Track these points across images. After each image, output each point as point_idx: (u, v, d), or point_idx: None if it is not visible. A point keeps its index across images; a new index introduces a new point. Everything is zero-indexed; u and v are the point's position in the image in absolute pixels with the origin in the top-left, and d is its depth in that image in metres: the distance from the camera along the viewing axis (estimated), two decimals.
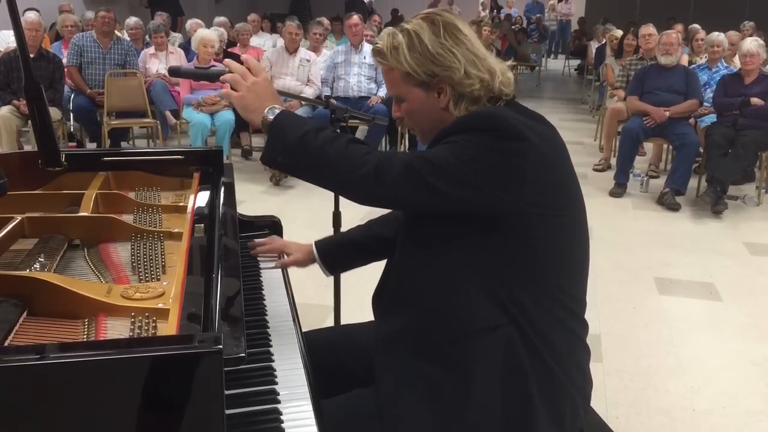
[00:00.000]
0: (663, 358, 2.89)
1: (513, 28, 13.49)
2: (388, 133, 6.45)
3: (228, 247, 1.55)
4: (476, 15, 14.31)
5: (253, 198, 5.06)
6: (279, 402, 1.27)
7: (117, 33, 6.58)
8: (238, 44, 7.55)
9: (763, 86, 5.20)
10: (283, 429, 1.21)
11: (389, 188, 1.23)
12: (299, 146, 1.26)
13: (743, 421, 2.46)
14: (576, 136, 7.50)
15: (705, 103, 5.66)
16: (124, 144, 6.47)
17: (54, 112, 5.22)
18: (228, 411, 1.03)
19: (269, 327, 1.55)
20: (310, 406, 1.27)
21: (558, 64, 15.50)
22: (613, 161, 5.97)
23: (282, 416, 1.23)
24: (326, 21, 7.79)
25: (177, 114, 6.12)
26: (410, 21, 1.36)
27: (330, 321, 2.42)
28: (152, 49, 6.75)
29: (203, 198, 1.83)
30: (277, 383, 1.33)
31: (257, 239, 1.94)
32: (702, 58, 6.48)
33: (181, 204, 1.87)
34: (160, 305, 1.24)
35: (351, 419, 1.37)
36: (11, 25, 1.66)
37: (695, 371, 2.78)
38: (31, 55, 3.02)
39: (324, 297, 2.65)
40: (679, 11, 11.58)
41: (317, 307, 2.97)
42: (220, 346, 0.99)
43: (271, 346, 1.46)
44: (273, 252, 1.89)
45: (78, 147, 6.02)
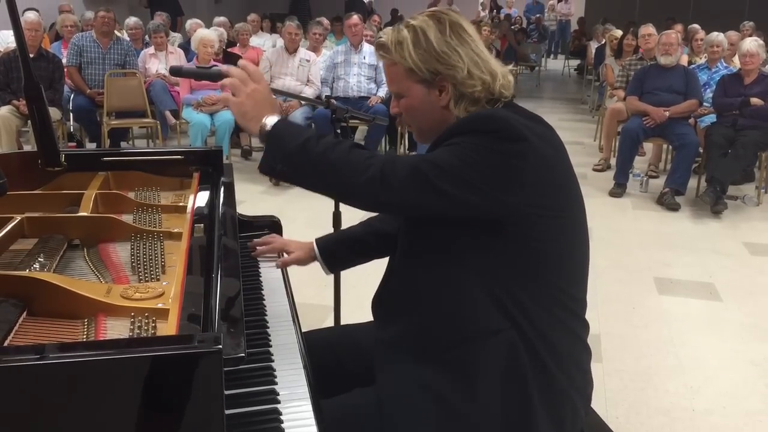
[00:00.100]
0: (663, 358, 2.89)
1: (513, 28, 13.50)
2: (388, 133, 6.45)
3: (228, 247, 1.55)
4: (476, 15, 14.34)
5: (253, 198, 5.07)
6: (279, 402, 1.27)
7: (117, 33, 6.59)
8: (238, 44, 7.55)
9: (763, 86, 5.20)
10: (283, 429, 1.20)
11: (396, 192, 1.21)
12: (300, 153, 1.24)
13: (743, 421, 2.46)
14: (575, 136, 7.50)
15: (705, 103, 5.66)
16: (124, 144, 6.47)
17: (54, 112, 5.22)
18: (228, 411, 1.03)
19: (269, 327, 1.55)
20: (310, 406, 1.27)
21: (558, 64, 15.50)
22: (613, 161, 5.97)
23: (282, 416, 1.23)
24: (326, 21, 7.79)
25: (177, 114, 6.12)
26: (416, 17, 1.35)
27: (330, 321, 2.42)
28: (152, 49, 6.75)
29: (203, 198, 1.83)
30: (277, 383, 1.33)
31: (257, 239, 1.94)
32: (701, 58, 6.48)
33: (181, 204, 1.86)
34: (160, 305, 1.24)
35: (351, 419, 1.37)
36: (11, 25, 1.66)
37: (695, 371, 2.79)
38: (31, 55, 3.02)
39: (324, 297, 2.65)
40: (679, 11, 11.58)
41: (317, 307, 2.97)
42: (220, 346, 0.98)
43: (271, 346, 1.46)
44: (274, 251, 1.89)
45: (78, 147, 6.02)
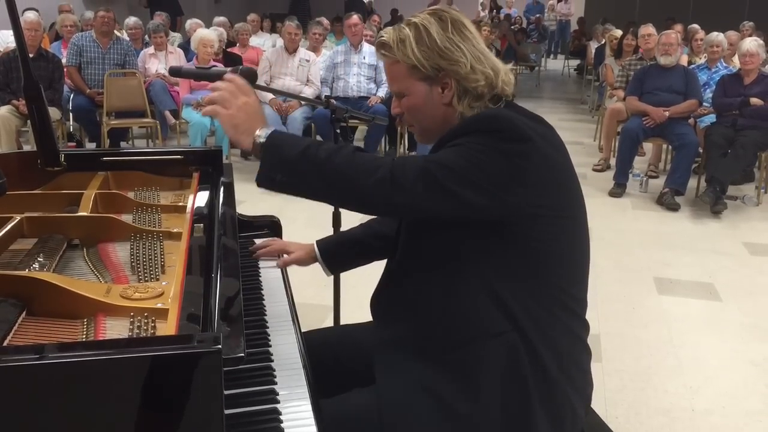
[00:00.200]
0: (662, 358, 2.89)
1: (512, 28, 13.50)
2: (388, 133, 6.45)
3: (227, 247, 1.55)
4: (476, 15, 14.33)
5: (253, 198, 5.05)
6: (278, 402, 1.27)
7: (116, 33, 6.59)
8: (238, 44, 7.55)
9: (763, 86, 5.20)
10: (283, 429, 1.20)
11: (408, 193, 1.19)
12: (302, 161, 1.21)
13: (743, 421, 2.46)
14: (575, 136, 7.50)
15: (704, 103, 5.67)
16: (124, 144, 6.47)
17: (53, 112, 5.22)
18: (227, 411, 1.03)
19: (268, 327, 1.55)
20: (310, 406, 1.27)
21: (557, 64, 15.50)
22: (613, 161, 5.97)
23: (281, 416, 1.23)
24: (326, 21, 7.79)
25: (176, 114, 6.12)
26: (417, 16, 1.35)
27: (329, 321, 2.42)
28: (151, 49, 6.75)
29: (202, 198, 1.82)
30: (277, 383, 1.33)
31: (257, 242, 1.94)
32: (701, 58, 6.48)
33: (181, 204, 1.86)
34: (159, 305, 1.24)
35: (350, 419, 1.37)
36: (10, 25, 1.66)
37: (695, 371, 2.79)
38: (31, 55, 3.03)
39: (323, 297, 2.65)
40: (679, 11, 11.58)
41: (317, 307, 2.97)
42: (219, 346, 0.98)
43: (271, 346, 1.46)
44: (273, 253, 1.89)
45: (77, 147, 6.02)
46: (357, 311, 1.89)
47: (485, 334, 1.28)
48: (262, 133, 1.25)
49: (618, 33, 7.94)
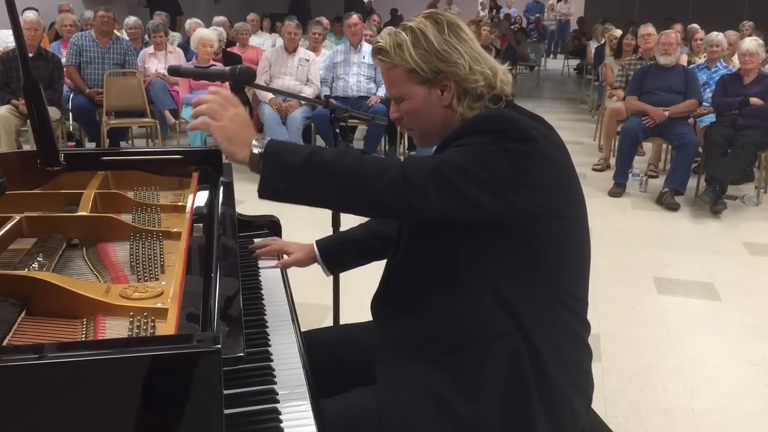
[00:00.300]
0: (662, 358, 2.89)
1: (512, 28, 13.50)
2: (388, 133, 6.45)
3: (227, 247, 1.55)
4: (475, 15, 14.34)
5: (253, 198, 5.02)
6: (278, 402, 1.27)
7: (116, 32, 6.58)
8: (237, 44, 7.56)
9: (763, 86, 5.20)
10: (282, 429, 1.20)
11: (421, 193, 1.18)
12: (307, 167, 1.18)
13: (743, 421, 2.46)
14: (575, 136, 7.50)
15: (704, 103, 5.67)
16: (123, 143, 6.46)
17: (53, 112, 5.21)
18: (227, 411, 1.03)
19: (268, 327, 1.55)
20: (309, 406, 1.27)
21: (557, 64, 15.50)
22: (613, 161, 5.97)
23: (281, 416, 1.23)
24: (325, 21, 7.79)
25: (176, 113, 6.11)
26: (412, 20, 1.35)
27: (329, 321, 2.42)
28: (151, 49, 6.75)
29: (202, 198, 1.82)
30: (276, 383, 1.33)
31: (257, 241, 1.94)
32: (701, 58, 6.48)
33: (180, 204, 1.86)
34: (159, 305, 1.24)
35: (350, 418, 1.36)
36: (10, 25, 1.66)
37: (694, 371, 2.78)
38: (30, 55, 3.02)
39: (323, 297, 2.65)
40: (678, 11, 11.58)
41: (316, 307, 2.97)
42: (219, 346, 0.98)
43: (270, 346, 1.46)
44: (272, 253, 1.89)
45: (77, 146, 6.02)
46: (357, 311, 1.89)
47: (489, 336, 1.28)
48: (259, 143, 1.22)
49: (618, 33, 7.95)
